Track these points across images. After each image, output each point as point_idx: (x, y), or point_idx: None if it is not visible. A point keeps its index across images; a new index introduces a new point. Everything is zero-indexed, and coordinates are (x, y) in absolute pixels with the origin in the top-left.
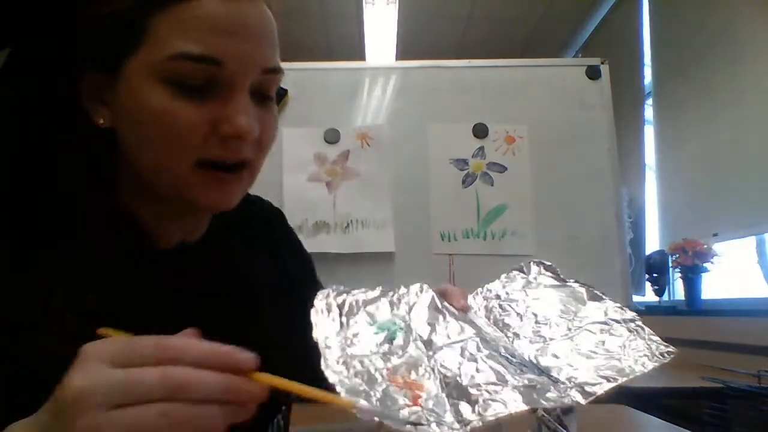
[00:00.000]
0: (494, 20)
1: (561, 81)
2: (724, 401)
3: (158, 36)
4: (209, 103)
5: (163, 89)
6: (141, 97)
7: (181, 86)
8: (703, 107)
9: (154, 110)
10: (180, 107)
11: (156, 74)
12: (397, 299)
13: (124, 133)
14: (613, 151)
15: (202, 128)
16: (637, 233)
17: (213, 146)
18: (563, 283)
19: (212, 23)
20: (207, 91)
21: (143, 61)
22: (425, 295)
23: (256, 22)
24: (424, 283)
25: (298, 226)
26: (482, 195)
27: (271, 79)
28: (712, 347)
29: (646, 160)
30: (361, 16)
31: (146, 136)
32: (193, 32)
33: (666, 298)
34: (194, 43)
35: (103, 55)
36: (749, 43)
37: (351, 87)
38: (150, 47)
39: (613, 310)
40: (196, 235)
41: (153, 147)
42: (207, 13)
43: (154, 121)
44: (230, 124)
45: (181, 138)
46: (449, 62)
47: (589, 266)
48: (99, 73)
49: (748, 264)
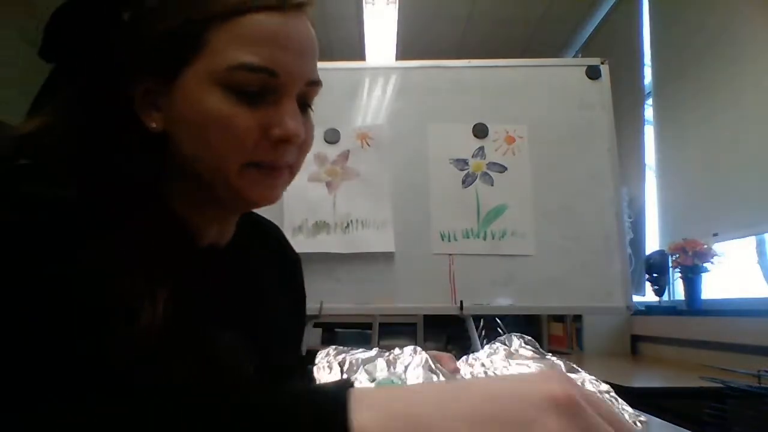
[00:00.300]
0: (494, 20)
1: (561, 81)
2: (724, 401)
3: (217, 46)
4: (262, 109)
5: (221, 95)
6: (199, 102)
7: (238, 93)
8: (703, 107)
9: (213, 114)
10: (237, 112)
11: (215, 81)
12: (393, 359)
13: (178, 135)
14: (613, 151)
15: (255, 131)
16: (637, 233)
17: (263, 149)
18: (542, 356)
19: (267, 36)
20: (260, 98)
21: (202, 69)
22: (419, 356)
23: (304, 37)
24: (417, 345)
25: (298, 226)
26: (482, 195)
27: (313, 91)
28: (712, 347)
29: (646, 160)
30: (361, 16)
31: (202, 137)
32: (250, 44)
33: (666, 298)
34: (252, 55)
35: (164, 64)
36: (749, 43)
37: (351, 87)
38: (209, 56)
39: (589, 382)
40: (223, 241)
41: (208, 148)
42: (262, 27)
43: (212, 124)
44: (281, 127)
45: (237, 139)
46: (449, 62)
47: (589, 266)
48: (155, 81)
49: (748, 264)
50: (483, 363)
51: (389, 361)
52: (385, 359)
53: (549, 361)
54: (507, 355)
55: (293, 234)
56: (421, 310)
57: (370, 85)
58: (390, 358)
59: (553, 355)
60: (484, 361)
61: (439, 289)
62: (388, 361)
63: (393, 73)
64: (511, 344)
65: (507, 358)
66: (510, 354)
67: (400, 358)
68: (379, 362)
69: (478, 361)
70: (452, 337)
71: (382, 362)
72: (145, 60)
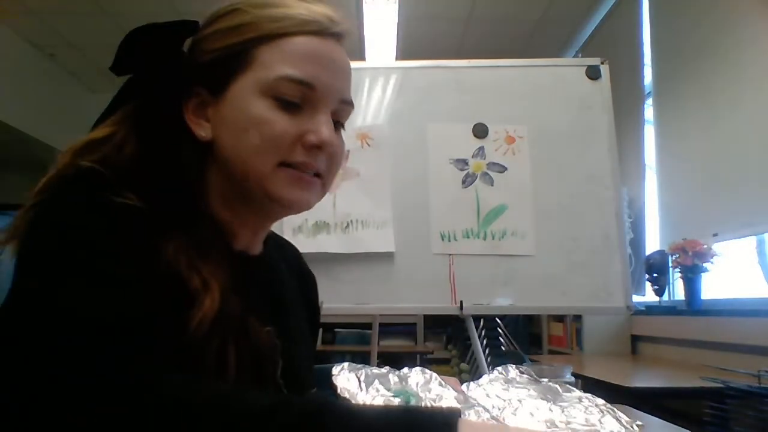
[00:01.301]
0: (494, 20)
1: (561, 81)
2: (724, 401)
3: (264, 61)
4: (299, 118)
5: (265, 102)
6: (245, 108)
7: (280, 101)
8: (703, 107)
9: (256, 118)
10: (277, 117)
11: (260, 91)
12: (404, 376)
13: (223, 140)
14: (613, 151)
15: (291, 136)
16: (637, 233)
17: (297, 153)
18: (537, 382)
19: (308, 55)
20: (299, 109)
21: (250, 80)
22: (427, 374)
23: (339, 60)
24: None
25: (298, 226)
26: (482, 195)
27: (345, 110)
28: (712, 347)
29: (646, 160)
30: (361, 16)
31: (243, 138)
32: (294, 61)
33: (666, 298)
34: (295, 69)
35: (217, 78)
36: (749, 44)
37: (351, 87)
38: (256, 70)
39: (587, 399)
40: (254, 250)
41: (247, 147)
42: (304, 47)
43: (254, 126)
44: (315, 134)
45: (274, 140)
46: (449, 62)
47: (589, 266)
48: (207, 93)
49: (748, 264)
50: (485, 388)
51: (400, 376)
52: (396, 375)
53: (544, 385)
54: (506, 381)
55: (293, 234)
56: (421, 310)
57: (370, 85)
58: (401, 374)
59: (548, 381)
60: (485, 387)
61: (439, 289)
62: (399, 377)
63: (393, 73)
64: (508, 374)
65: (506, 383)
66: (509, 380)
67: (410, 374)
68: (391, 377)
69: (480, 387)
70: (452, 337)
71: (395, 377)
72: (200, 75)
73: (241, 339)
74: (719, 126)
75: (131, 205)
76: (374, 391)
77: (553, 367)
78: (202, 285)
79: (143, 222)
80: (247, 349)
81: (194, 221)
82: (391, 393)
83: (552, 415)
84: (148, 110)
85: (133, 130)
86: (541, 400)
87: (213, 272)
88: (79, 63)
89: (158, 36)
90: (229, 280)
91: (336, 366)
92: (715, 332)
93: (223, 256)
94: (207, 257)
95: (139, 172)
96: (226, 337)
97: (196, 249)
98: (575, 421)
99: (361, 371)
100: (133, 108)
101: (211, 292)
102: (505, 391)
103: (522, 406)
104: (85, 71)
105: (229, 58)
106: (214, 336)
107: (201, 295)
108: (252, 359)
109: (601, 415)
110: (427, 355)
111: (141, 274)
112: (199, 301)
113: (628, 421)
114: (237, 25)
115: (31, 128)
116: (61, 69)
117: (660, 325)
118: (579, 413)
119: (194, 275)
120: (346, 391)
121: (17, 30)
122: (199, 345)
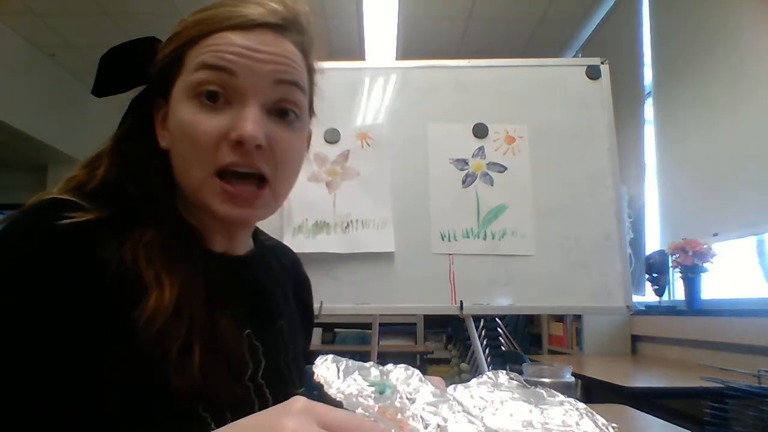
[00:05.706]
0: (494, 20)
1: (561, 81)
2: (724, 401)
3: (189, 63)
4: (224, 115)
5: (190, 105)
6: (176, 114)
7: (203, 99)
8: (703, 107)
9: (182, 122)
10: (200, 118)
11: (186, 94)
12: (386, 371)
13: (172, 149)
14: (613, 151)
15: (214, 135)
16: (637, 233)
17: (226, 153)
18: (525, 387)
19: (228, 47)
20: (226, 105)
21: (180, 85)
22: (410, 371)
23: (269, 45)
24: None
25: (298, 226)
26: (482, 195)
27: (289, 92)
28: (712, 347)
29: (646, 160)
30: (361, 16)
31: (179, 147)
32: (213, 52)
33: (666, 298)
34: (211, 58)
35: (164, 87)
36: (749, 44)
37: (351, 87)
38: (184, 73)
39: (567, 403)
40: (238, 251)
41: (183, 156)
42: (225, 40)
43: (183, 131)
44: (236, 130)
45: (198, 144)
46: (449, 62)
47: (589, 266)
48: (164, 103)
49: (748, 264)
50: (470, 390)
51: (382, 371)
52: (378, 369)
53: (531, 390)
54: (493, 384)
55: (293, 234)
56: (421, 310)
57: (370, 84)
58: (383, 369)
59: (537, 388)
60: (472, 389)
61: (439, 289)
62: (381, 371)
63: (393, 73)
64: (497, 378)
65: (493, 386)
66: (497, 384)
67: (392, 370)
68: (373, 370)
69: (467, 389)
70: (452, 337)
71: (376, 371)
72: (156, 86)
73: (207, 338)
74: (719, 126)
75: (81, 222)
76: (351, 380)
77: (553, 367)
78: (155, 279)
79: (85, 241)
80: (214, 349)
81: (159, 223)
82: (367, 383)
83: (531, 416)
84: (123, 128)
85: (109, 150)
86: (523, 402)
87: (168, 267)
88: (79, 63)
89: (120, 58)
90: (195, 278)
91: (321, 356)
92: (714, 332)
93: (189, 254)
94: (168, 254)
95: (110, 186)
96: (190, 335)
97: (158, 247)
98: (552, 422)
99: (343, 362)
100: (120, 127)
101: (162, 287)
102: (489, 393)
103: (503, 407)
104: (85, 71)
105: (168, 66)
106: (173, 333)
107: (151, 289)
108: (222, 359)
109: (579, 417)
110: (427, 354)
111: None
112: (147, 296)
113: (604, 423)
114: (175, 33)
115: (31, 128)
116: (61, 69)
117: (660, 325)
118: (558, 415)
119: (150, 271)
120: (323, 378)
121: (17, 30)
122: (158, 341)
